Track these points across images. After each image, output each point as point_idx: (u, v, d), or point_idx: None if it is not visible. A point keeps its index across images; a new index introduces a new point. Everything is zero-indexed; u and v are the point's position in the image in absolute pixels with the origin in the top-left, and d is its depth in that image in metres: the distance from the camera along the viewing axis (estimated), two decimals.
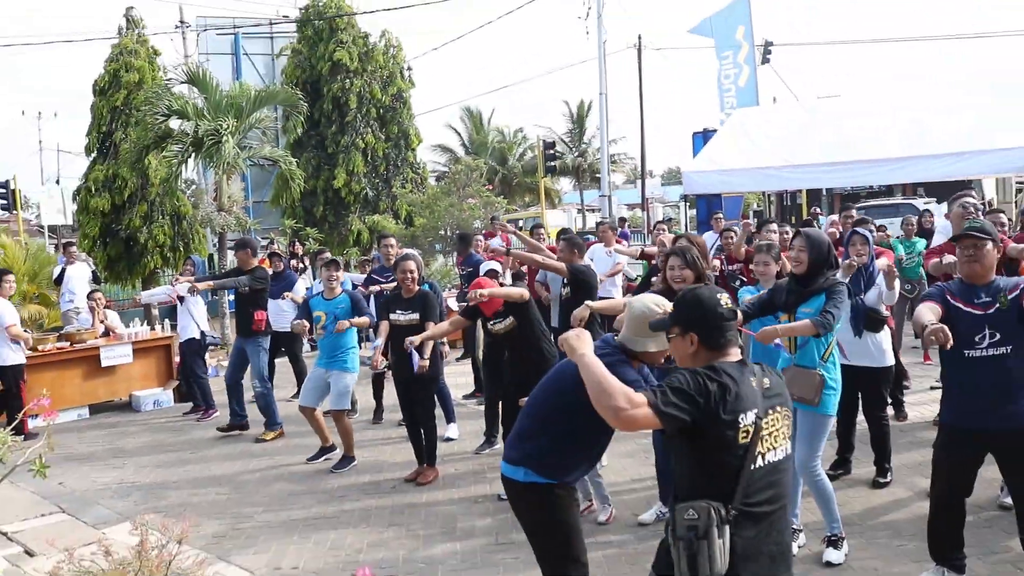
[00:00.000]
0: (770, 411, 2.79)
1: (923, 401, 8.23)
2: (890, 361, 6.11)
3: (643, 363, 3.69)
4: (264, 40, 24.88)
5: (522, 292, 6.37)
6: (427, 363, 6.72)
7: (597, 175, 29.15)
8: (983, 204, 18.22)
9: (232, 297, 9.22)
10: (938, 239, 8.78)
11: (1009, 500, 5.39)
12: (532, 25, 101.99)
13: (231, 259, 10.07)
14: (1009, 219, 15.01)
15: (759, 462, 2.73)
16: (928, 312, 4.15)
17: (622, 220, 26.23)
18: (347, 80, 20.07)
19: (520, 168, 45.03)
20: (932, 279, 7.05)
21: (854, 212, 9.57)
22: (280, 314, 9.75)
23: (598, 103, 24.41)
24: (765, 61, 26.78)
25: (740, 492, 2.68)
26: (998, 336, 4.23)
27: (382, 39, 21.10)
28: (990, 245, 4.31)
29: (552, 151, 27.02)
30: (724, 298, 2.86)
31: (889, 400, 7.51)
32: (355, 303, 7.58)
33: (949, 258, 5.59)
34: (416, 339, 6.49)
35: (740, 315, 2.85)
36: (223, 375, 9.56)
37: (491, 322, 6.42)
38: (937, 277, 6.13)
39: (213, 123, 15.06)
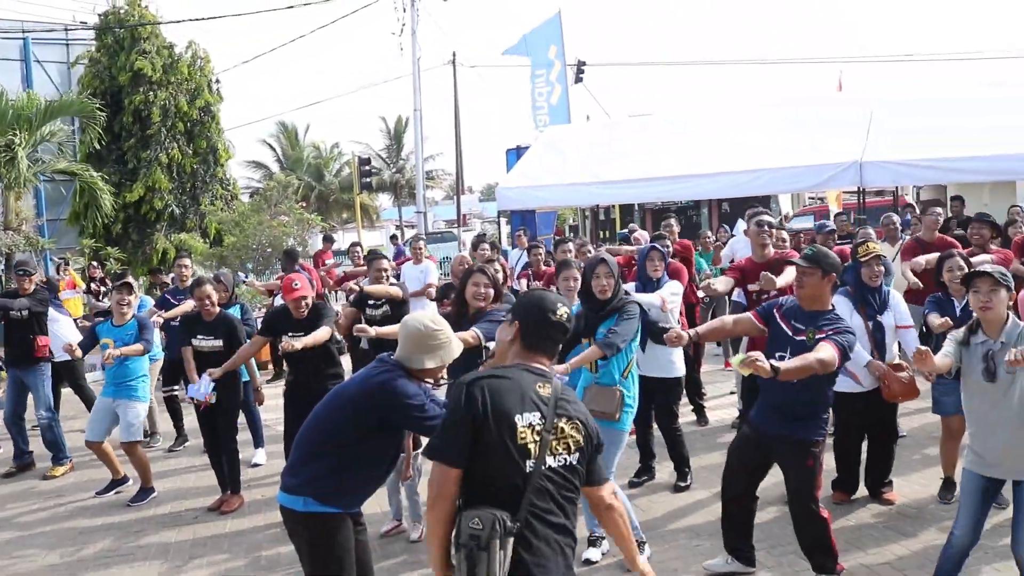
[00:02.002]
0: (556, 419, 2.76)
1: (722, 405, 8.60)
2: (679, 372, 6.28)
3: (421, 380, 3.59)
4: (59, 47, 23.35)
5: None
6: (213, 397, 6.33)
7: (416, 191, 29.14)
8: (781, 218, 19.57)
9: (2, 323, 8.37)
10: (732, 252, 9.27)
11: None
12: (347, 40, 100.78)
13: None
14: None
15: (542, 468, 2.71)
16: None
17: (393, 238, 26.53)
18: (150, 92, 19.07)
19: (337, 184, 44.45)
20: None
21: (673, 223, 9.69)
22: (55, 340, 8.96)
23: (413, 119, 24.33)
24: (578, 80, 27.52)
25: (526, 501, 2.66)
26: None
27: (188, 50, 20.19)
28: (818, 275, 4.40)
29: (368, 167, 26.81)
30: (563, 310, 2.91)
31: (691, 406, 7.87)
32: (142, 329, 7.05)
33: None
34: (216, 372, 6.23)
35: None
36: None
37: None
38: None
39: (3, 137, 13.95)
